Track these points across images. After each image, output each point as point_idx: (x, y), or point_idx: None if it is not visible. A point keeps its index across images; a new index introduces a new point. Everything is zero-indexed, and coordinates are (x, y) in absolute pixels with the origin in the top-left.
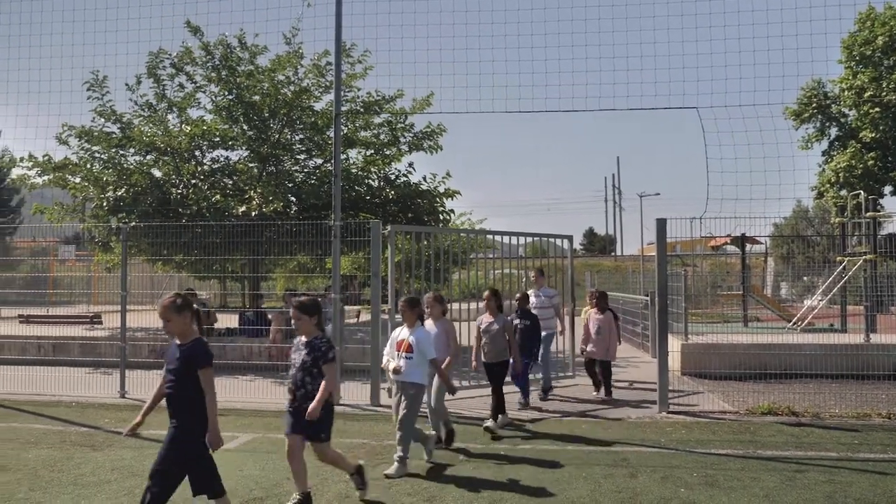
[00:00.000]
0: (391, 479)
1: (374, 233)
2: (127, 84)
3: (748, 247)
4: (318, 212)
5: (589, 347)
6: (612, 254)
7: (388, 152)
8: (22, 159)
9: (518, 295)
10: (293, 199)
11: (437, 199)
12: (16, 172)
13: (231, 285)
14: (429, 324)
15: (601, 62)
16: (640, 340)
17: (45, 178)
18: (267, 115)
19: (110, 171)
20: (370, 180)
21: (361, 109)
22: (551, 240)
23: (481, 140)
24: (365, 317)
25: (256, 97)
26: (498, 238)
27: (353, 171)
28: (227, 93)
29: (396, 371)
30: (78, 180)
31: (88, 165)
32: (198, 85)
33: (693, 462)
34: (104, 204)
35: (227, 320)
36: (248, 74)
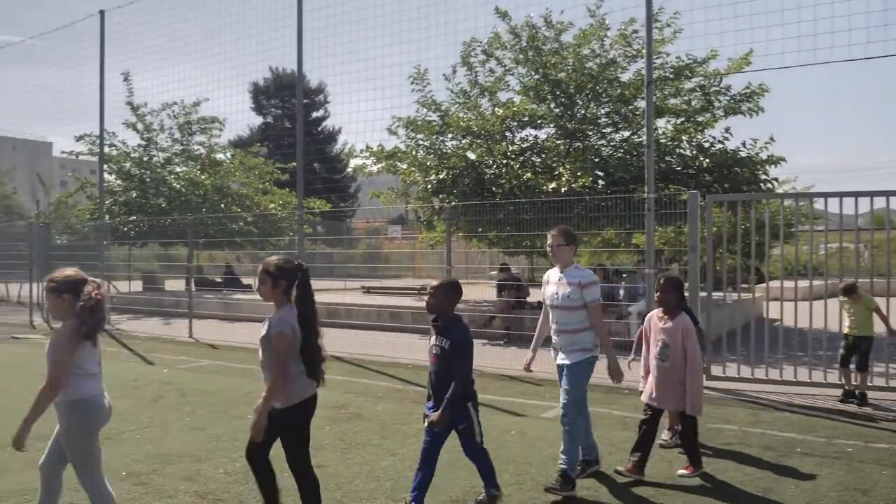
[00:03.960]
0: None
1: (692, 204)
2: (444, 75)
3: None
4: (625, 185)
5: (645, 386)
6: None
7: (700, 119)
8: (361, 151)
9: (433, 285)
10: (600, 173)
11: (759, 167)
12: (353, 163)
13: (536, 260)
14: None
15: None
16: None
17: (379, 166)
18: (573, 90)
19: (432, 156)
20: (681, 150)
21: (671, 76)
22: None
23: (809, 98)
24: None
25: (562, 74)
26: (829, 208)
27: (663, 140)
28: (533, 73)
29: None
30: (405, 166)
31: (414, 152)
32: (507, 68)
33: None
34: (428, 186)
35: (538, 294)
36: (553, 52)
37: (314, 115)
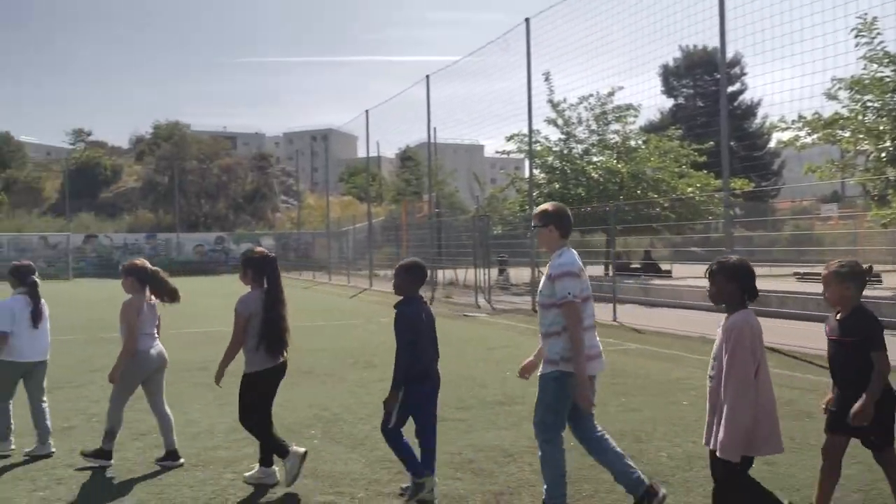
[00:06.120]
0: None
1: None
2: None
3: None
4: None
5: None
6: None
7: None
8: (793, 122)
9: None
10: None
11: None
12: (777, 137)
13: None
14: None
15: None
16: None
17: (814, 137)
18: None
19: (885, 119)
20: None
21: None
22: None
23: None
24: None
25: None
26: None
27: None
28: None
29: None
30: (847, 134)
31: (860, 117)
32: None
33: None
34: (881, 155)
35: None
36: None
37: (729, 89)
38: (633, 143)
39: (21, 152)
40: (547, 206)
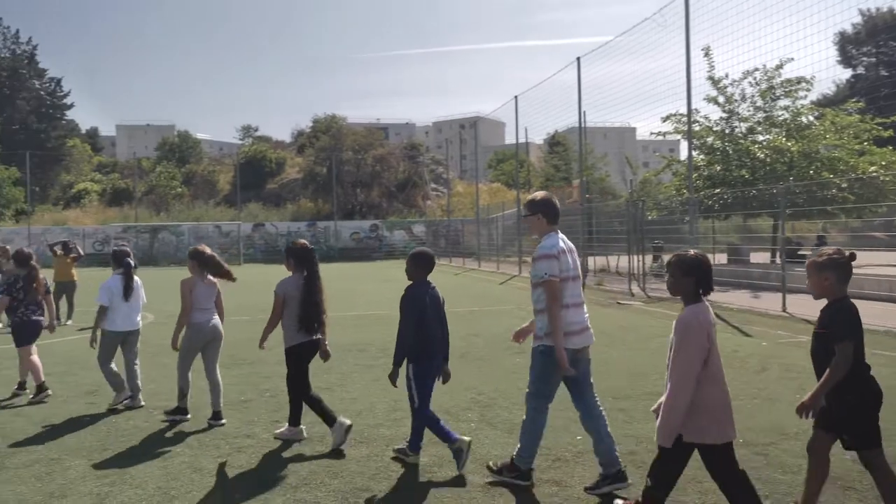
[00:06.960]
0: None
1: None
2: None
3: None
4: None
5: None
6: None
7: None
8: None
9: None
10: None
11: None
12: None
13: None
14: None
15: None
16: None
17: None
18: None
19: None
20: None
21: None
22: None
23: None
24: None
25: None
26: None
27: None
28: None
29: None
30: None
31: None
32: None
33: None
34: None
35: None
36: None
37: None
38: (804, 119)
39: (198, 148)
40: (535, 195)
